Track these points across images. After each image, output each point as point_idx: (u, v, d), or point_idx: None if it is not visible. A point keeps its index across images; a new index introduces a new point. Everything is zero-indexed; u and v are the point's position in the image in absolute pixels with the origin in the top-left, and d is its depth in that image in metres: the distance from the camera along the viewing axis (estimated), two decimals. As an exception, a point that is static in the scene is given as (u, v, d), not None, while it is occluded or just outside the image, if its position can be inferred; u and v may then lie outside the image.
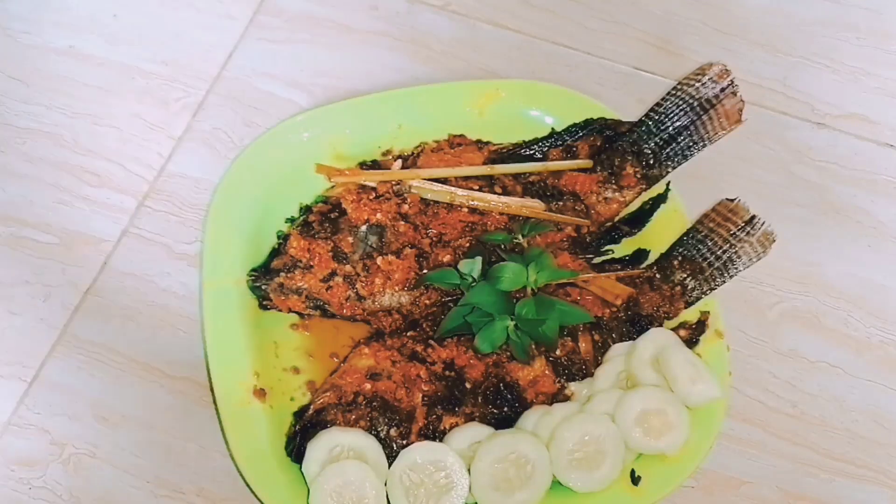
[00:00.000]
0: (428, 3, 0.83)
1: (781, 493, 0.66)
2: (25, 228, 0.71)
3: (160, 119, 0.76)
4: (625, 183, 0.72)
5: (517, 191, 0.71)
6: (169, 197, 0.73)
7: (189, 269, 0.70)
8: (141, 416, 0.65)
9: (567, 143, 0.74)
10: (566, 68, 0.81)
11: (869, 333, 0.72)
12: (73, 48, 0.79)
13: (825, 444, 0.68)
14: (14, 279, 0.69)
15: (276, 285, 0.66)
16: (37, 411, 0.65)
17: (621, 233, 0.71)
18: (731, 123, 0.73)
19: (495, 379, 0.64)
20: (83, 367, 0.67)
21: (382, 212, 0.68)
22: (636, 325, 0.67)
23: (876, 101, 0.82)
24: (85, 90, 0.77)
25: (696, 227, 0.71)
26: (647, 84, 0.81)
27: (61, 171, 0.73)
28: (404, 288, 0.67)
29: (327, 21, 0.82)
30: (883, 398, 0.70)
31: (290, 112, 0.76)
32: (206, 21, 0.81)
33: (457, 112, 0.75)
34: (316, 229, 0.68)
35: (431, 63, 0.80)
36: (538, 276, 0.65)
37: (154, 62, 0.79)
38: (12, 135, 0.75)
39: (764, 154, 0.79)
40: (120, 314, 0.69)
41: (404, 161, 0.72)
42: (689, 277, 0.69)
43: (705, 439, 0.64)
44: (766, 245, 0.69)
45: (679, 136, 0.73)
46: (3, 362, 0.67)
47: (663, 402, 0.63)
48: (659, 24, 0.84)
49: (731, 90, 0.73)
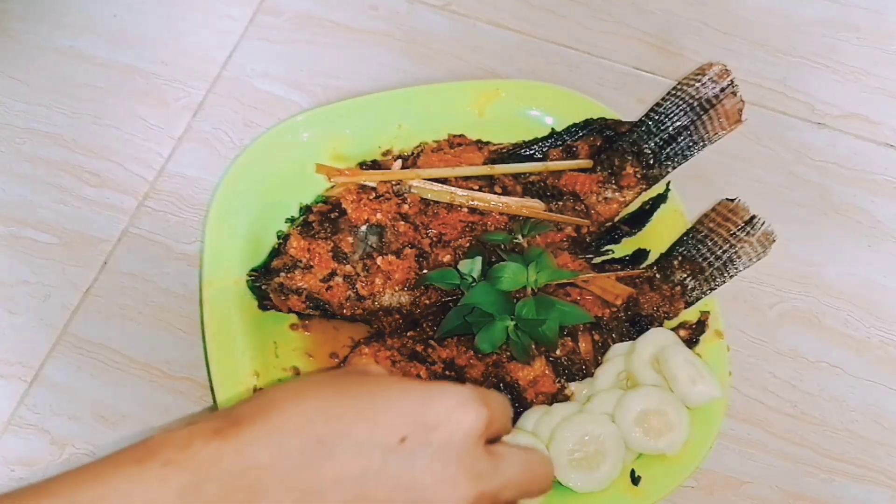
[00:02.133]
0: (428, 3, 0.83)
1: (781, 493, 0.66)
2: (25, 228, 0.71)
3: (160, 119, 0.76)
4: (625, 183, 0.72)
5: (517, 191, 0.71)
6: (169, 197, 0.73)
7: (189, 269, 0.70)
8: (141, 416, 0.65)
9: (567, 143, 0.74)
10: (566, 68, 0.81)
11: (869, 333, 0.72)
12: (73, 48, 0.79)
13: (825, 444, 0.68)
14: (14, 279, 0.69)
15: (275, 285, 0.66)
16: (37, 411, 0.65)
17: (621, 233, 0.71)
18: (731, 123, 0.73)
19: (495, 379, 0.64)
20: (83, 367, 0.67)
21: (382, 212, 0.68)
22: (636, 325, 0.67)
23: (876, 101, 0.82)
24: (85, 90, 0.77)
25: (696, 227, 0.71)
26: (647, 84, 0.81)
27: (61, 171, 0.73)
28: (404, 288, 0.67)
29: (327, 21, 0.82)
30: (883, 398, 0.70)
31: (291, 112, 0.76)
32: (206, 21, 0.81)
33: (457, 112, 0.75)
34: (316, 229, 0.68)
35: (431, 63, 0.80)
36: (538, 276, 0.65)
37: (154, 62, 0.79)
38: (12, 135, 0.75)
39: (764, 154, 0.79)
40: (120, 314, 0.69)
41: (404, 161, 0.72)
42: (689, 277, 0.69)
43: (705, 439, 0.64)
44: (766, 245, 0.69)
45: (679, 136, 0.73)
46: (3, 362, 0.67)
47: (663, 402, 0.63)
48: (659, 24, 0.84)
49: (731, 90, 0.73)
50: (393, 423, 0.45)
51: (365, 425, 0.45)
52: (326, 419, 0.45)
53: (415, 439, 0.45)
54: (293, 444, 0.44)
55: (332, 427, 0.45)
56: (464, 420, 0.46)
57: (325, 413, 0.45)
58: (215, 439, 0.43)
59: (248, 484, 0.43)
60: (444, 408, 0.46)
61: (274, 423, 0.44)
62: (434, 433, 0.46)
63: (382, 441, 0.45)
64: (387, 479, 0.44)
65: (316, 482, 0.43)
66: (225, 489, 0.42)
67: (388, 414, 0.46)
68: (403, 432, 0.45)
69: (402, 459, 0.45)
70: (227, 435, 0.44)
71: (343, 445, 0.44)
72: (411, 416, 0.46)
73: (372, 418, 0.45)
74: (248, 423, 0.44)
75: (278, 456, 0.43)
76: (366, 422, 0.45)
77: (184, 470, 0.42)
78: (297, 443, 0.44)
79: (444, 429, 0.46)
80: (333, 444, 0.44)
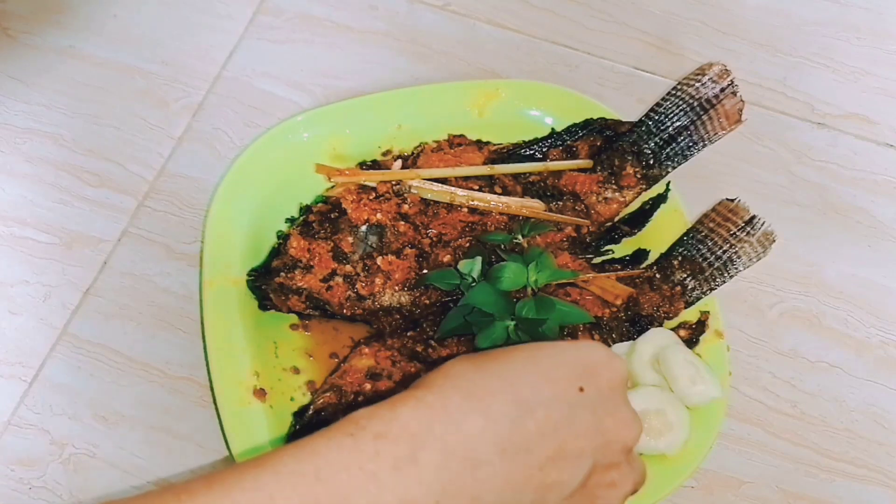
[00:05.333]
0: (428, 3, 0.83)
1: (781, 493, 0.66)
2: (25, 228, 0.71)
3: (160, 119, 0.76)
4: (625, 183, 0.72)
5: (517, 191, 0.71)
6: (169, 197, 0.73)
7: (189, 269, 0.70)
8: (141, 416, 0.65)
9: (567, 143, 0.74)
10: (566, 68, 0.81)
11: (869, 333, 0.72)
12: (73, 48, 0.79)
13: (825, 444, 0.68)
14: (14, 279, 0.69)
15: (275, 285, 0.66)
16: (37, 411, 0.65)
17: (621, 233, 0.71)
18: (731, 123, 0.73)
19: (495, 379, 0.64)
20: (83, 367, 0.67)
21: (382, 212, 0.68)
22: (636, 325, 0.67)
23: (876, 101, 0.82)
24: (85, 90, 0.77)
25: (696, 227, 0.71)
26: (647, 84, 0.81)
27: (61, 171, 0.73)
28: (404, 288, 0.67)
29: (327, 21, 0.82)
30: (883, 398, 0.70)
31: (291, 112, 0.76)
32: (206, 21, 0.81)
33: (457, 112, 0.75)
34: (316, 229, 0.68)
35: (431, 63, 0.80)
36: (538, 276, 0.65)
37: (154, 62, 0.79)
38: (12, 135, 0.75)
39: (764, 154, 0.79)
40: (120, 314, 0.69)
41: (404, 161, 0.72)
42: (689, 277, 0.69)
43: (705, 439, 0.64)
44: (766, 245, 0.69)
45: (679, 136, 0.73)
46: (3, 362, 0.67)
47: (663, 402, 0.63)
48: (659, 24, 0.84)
49: (731, 90, 0.73)
50: (567, 376, 0.50)
51: (548, 383, 0.49)
52: (514, 383, 0.49)
53: (589, 388, 0.50)
54: (498, 408, 0.47)
55: (524, 389, 0.48)
56: (619, 366, 0.52)
57: (510, 378, 0.49)
58: (421, 408, 0.46)
59: (462, 451, 0.45)
60: (599, 356, 0.52)
61: (471, 390, 0.47)
62: (601, 379, 0.51)
63: (566, 394, 0.49)
64: (577, 427, 0.49)
65: (524, 441, 0.47)
66: (440, 458, 0.45)
67: (560, 370, 0.50)
68: (579, 383, 0.50)
69: (584, 408, 0.49)
70: (432, 405, 0.46)
71: (538, 403, 0.48)
72: (578, 367, 0.51)
73: (551, 376, 0.50)
74: (447, 391, 0.47)
75: (488, 420, 0.46)
76: (548, 380, 0.49)
77: (396, 442, 0.45)
78: (501, 407, 0.47)
79: (607, 374, 0.51)
80: (530, 404, 0.48)
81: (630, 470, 0.52)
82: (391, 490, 0.43)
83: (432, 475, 0.44)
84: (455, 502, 0.45)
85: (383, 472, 0.44)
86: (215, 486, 0.43)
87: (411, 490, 0.44)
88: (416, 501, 0.44)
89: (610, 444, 0.50)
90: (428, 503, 0.44)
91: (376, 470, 0.44)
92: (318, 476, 0.43)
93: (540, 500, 0.48)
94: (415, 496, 0.44)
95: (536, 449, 0.47)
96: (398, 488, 0.44)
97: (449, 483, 0.45)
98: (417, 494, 0.44)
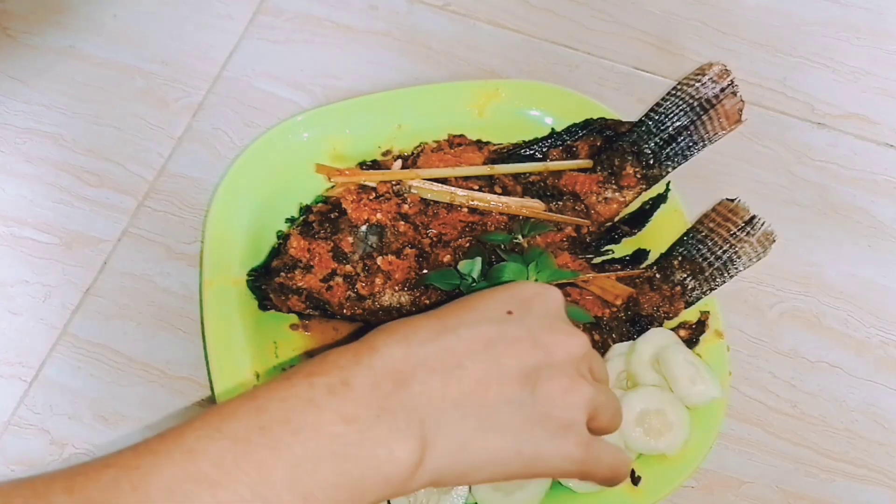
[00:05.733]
0: (428, 3, 0.83)
1: (781, 493, 0.66)
2: (25, 228, 0.71)
3: (160, 119, 0.76)
4: (625, 183, 0.72)
5: (517, 191, 0.71)
6: (169, 197, 0.73)
7: (189, 269, 0.70)
8: (141, 416, 0.65)
9: (567, 143, 0.74)
10: (566, 68, 0.81)
11: (869, 333, 0.72)
12: (73, 48, 0.79)
13: (825, 444, 0.68)
14: (14, 279, 0.69)
15: (275, 285, 0.66)
16: (37, 411, 0.65)
17: (621, 233, 0.71)
18: (731, 123, 0.73)
19: (495, 379, 0.64)
20: (83, 367, 0.67)
21: (382, 212, 0.68)
22: (636, 325, 0.67)
23: (876, 101, 0.82)
24: (85, 90, 0.77)
25: (696, 227, 0.71)
26: (647, 84, 0.81)
27: (61, 171, 0.73)
28: (404, 288, 0.67)
29: (327, 21, 0.82)
30: (883, 398, 0.70)
31: (291, 112, 0.76)
32: (206, 21, 0.81)
33: (457, 112, 0.75)
34: (316, 229, 0.68)
35: (431, 63, 0.80)
36: (538, 276, 0.65)
37: (154, 62, 0.79)
38: (12, 135, 0.75)
39: (764, 154, 0.79)
40: (120, 314, 0.69)
41: (404, 161, 0.72)
42: (689, 277, 0.69)
43: (705, 439, 0.64)
44: (766, 245, 0.69)
45: (679, 136, 0.73)
46: (3, 362, 0.67)
47: (663, 402, 0.63)
48: (659, 24, 0.84)
49: (731, 90, 0.73)
50: (496, 305, 0.53)
51: (473, 312, 0.52)
52: (440, 317, 0.52)
53: (519, 311, 0.52)
54: (419, 336, 0.50)
55: (447, 321, 0.51)
56: (552, 294, 0.55)
57: (436, 315, 0.52)
58: (349, 353, 0.49)
59: (391, 373, 0.48)
60: (531, 289, 0.55)
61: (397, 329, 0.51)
62: (532, 304, 0.53)
63: (494, 315, 0.52)
64: (510, 339, 0.51)
65: (453, 359, 0.49)
66: (371, 380, 0.47)
67: (490, 300, 0.53)
68: (508, 307, 0.52)
69: (515, 323, 0.52)
70: (358, 347, 0.50)
71: (463, 326, 0.51)
72: (508, 298, 0.53)
73: (477, 306, 0.53)
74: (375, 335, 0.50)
75: (409, 348, 0.49)
76: (473, 309, 0.52)
77: (328, 374, 0.48)
78: (422, 335, 0.50)
79: (539, 300, 0.54)
80: (455, 328, 0.50)
81: (587, 383, 0.52)
82: (332, 409, 0.46)
83: (367, 393, 0.47)
84: (395, 417, 0.47)
85: (319, 397, 0.46)
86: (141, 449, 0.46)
87: (349, 408, 0.46)
88: (357, 417, 0.46)
89: (552, 356, 0.51)
90: (369, 416, 0.46)
91: (313, 396, 0.46)
92: (259, 408, 0.46)
93: (492, 415, 0.49)
94: (355, 412, 0.46)
95: (470, 364, 0.49)
96: (338, 407, 0.46)
97: (384, 399, 0.47)
98: (356, 410, 0.46)
